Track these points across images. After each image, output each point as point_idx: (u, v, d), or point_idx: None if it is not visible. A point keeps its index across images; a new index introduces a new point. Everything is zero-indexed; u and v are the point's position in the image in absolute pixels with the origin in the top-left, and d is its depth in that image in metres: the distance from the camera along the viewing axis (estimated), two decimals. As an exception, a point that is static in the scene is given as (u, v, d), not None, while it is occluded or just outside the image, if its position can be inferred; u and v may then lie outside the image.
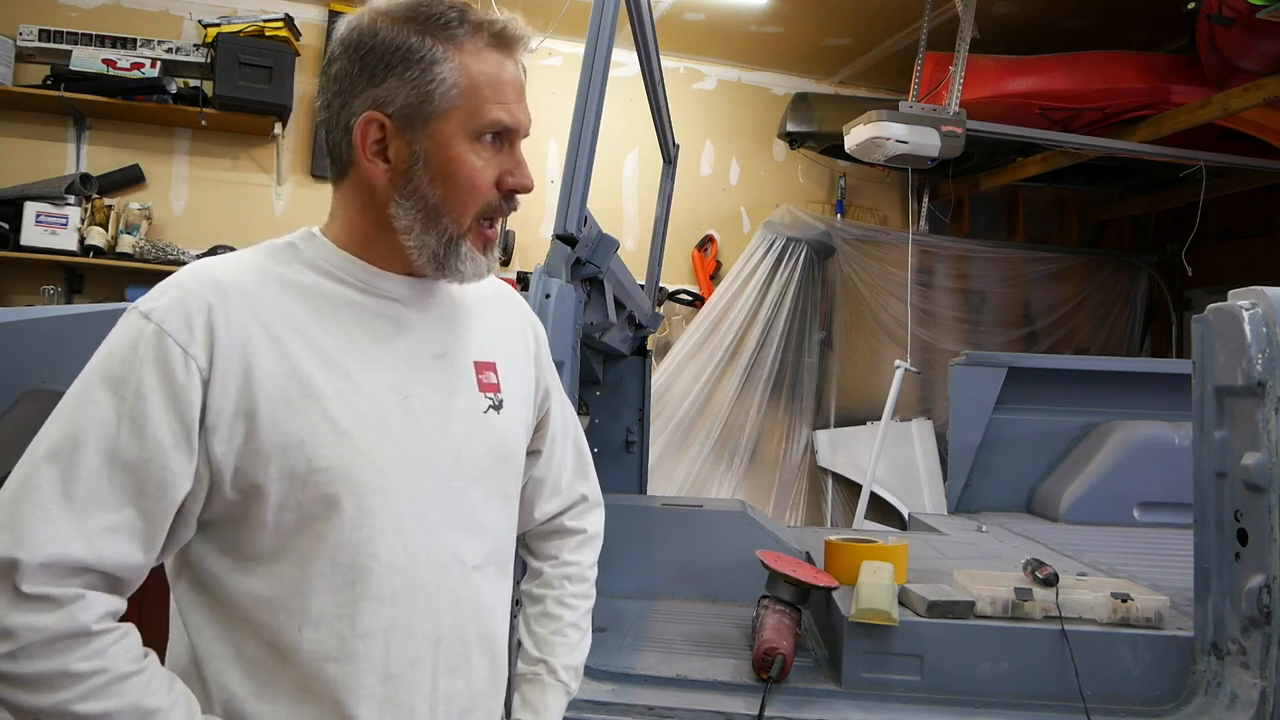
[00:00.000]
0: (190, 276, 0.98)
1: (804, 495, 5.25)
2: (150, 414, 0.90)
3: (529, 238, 5.03)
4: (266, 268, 1.01)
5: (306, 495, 0.95)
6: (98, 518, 0.88)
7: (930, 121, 3.89)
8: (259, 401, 0.94)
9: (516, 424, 1.15)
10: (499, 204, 1.05)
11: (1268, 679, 1.68)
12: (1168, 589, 2.11)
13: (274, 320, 0.97)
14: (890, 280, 5.39)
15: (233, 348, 0.94)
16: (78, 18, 4.44)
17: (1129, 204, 5.85)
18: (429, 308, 1.09)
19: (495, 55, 1.02)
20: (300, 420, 0.95)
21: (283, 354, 0.96)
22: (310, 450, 0.95)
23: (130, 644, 0.90)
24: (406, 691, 1.01)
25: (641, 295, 3.10)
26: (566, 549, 1.30)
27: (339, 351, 1.00)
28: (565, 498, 1.30)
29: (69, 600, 0.86)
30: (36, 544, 0.85)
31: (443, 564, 1.03)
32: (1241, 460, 1.74)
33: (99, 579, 0.89)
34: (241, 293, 0.97)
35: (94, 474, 0.89)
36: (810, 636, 2.17)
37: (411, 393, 1.03)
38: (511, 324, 1.22)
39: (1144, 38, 4.67)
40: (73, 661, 0.85)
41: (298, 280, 1.02)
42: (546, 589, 1.28)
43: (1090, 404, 3.68)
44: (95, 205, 4.26)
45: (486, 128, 1.02)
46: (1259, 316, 1.75)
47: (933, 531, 3.20)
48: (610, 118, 2.27)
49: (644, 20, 2.36)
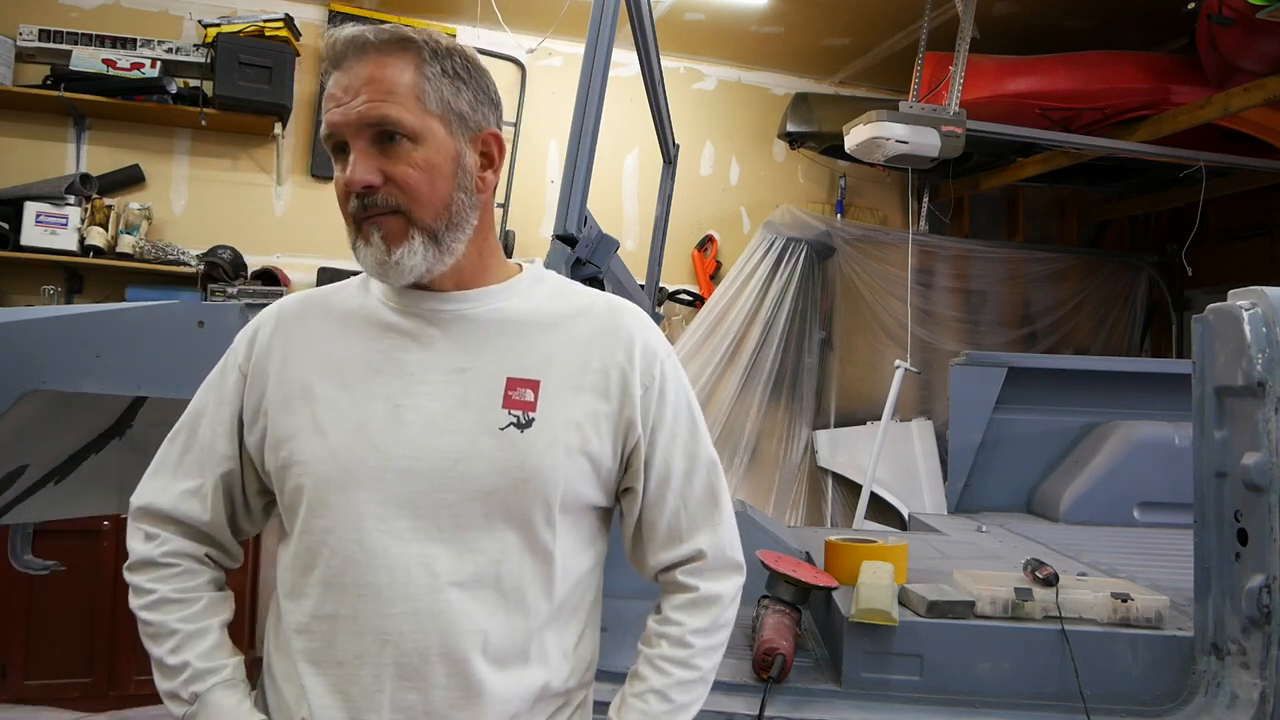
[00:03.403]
0: (269, 307, 1.23)
1: (804, 495, 5.25)
2: (216, 408, 1.19)
3: (529, 238, 5.03)
4: (325, 299, 1.21)
5: (288, 485, 1.11)
6: (183, 482, 1.18)
7: (930, 121, 3.89)
8: (270, 403, 1.13)
9: (550, 447, 1.09)
10: (353, 205, 1.09)
11: (1268, 679, 1.68)
12: (1168, 589, 2.11)
13: (298, 337, 1.16)
14: (890, 280, 5.38)
15: (264, 358, 1.16)
16: (78, 18, 4.43)
17: (1129, 204, 5.85)
18: (458, 321, 1.14)
19: (330, 78, 1.10)
20: (294, 420, 1.11)
21: (295, 365, 1.14)
22: (293, 445, 1.10)
23: (185, 580, 1.16)
24: (353, 683, 1.06)
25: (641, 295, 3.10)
26: (672, 604, 1.20)
27: (347, 364, 1.13)
28: (683, 550, 1.20)
29: (151, 537, 1.17)
30: (143, 495, 1.19)
31: (406, 569, 1.05)
32: (1241, 460, 1.73)
33: (181, 527, 1.18)
34: (287, 316, 1.19)
35: (189, 450, 1.19)
36: (810, 636, 2.17)
37: (407, 404, 1.09)
38: (595, 344, 1.15)
39: (1144, 38, 4.67)
40: (142, 580, 1.16)
41: (345, 305, 1.18)
42: (644, 645, 1.20)
43: (1090, 404, 3.68)
44: (95, 205, 4.25)
45: (327, 142, 1.11)
46: (1259, 316, 1.75)
47: (933, 531, 3.20)
48: (610, 118, 2.27)
49: (644, 20, 2.36)
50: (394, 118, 1.06)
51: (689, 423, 1.21)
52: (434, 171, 1.08)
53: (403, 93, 1.07)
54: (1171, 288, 5.94)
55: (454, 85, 1.11)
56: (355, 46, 1.08)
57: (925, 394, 5.42)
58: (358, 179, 1.06)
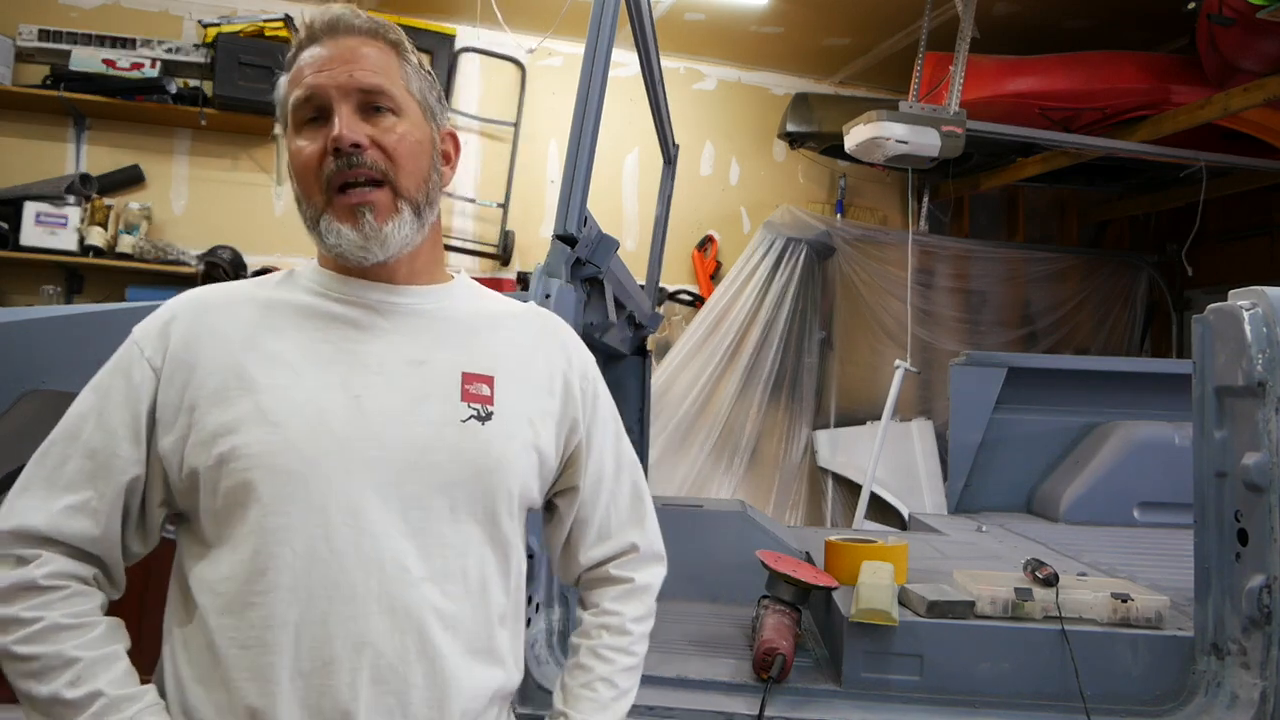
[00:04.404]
0: (178, 297, 1.11)
1: (804, 495, 5.25)
2: (110, 409, 1.04)
3: (529, 238, 5.04)
4: (249, 289, 1.12)
5: (230, 482, 1.00)
6: (65, 498, 1.02)
7: (930, 121, 3.89)
8: (200, 396, 1.03)
9: (510, 440, 1.10)
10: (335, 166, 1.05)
11: (1268, 679, 1.68)
12: (1168, 589, 2.11)
13: (227, 327, 1.06)
14: (890, 280, 5.39)
15: (181, 350, 1.05)
16: (78, 18, 4.44)
17: (1129, 204, 5.85)
18: (411, 315, 1.11)
19: (306, 52, 1.09)
20: (233, 411, 1.01)
21: (227, 354, 1.04)
22: (236, 438, 1.00)
23: (76, 604, 1.00)
24: (320, 694, 0.98)
25: (641, 295, 3.10)
26: (608, 597, 1.23)
27: (291, 353, 1.05)
28: (614, 545, 1.24)
29: (28, 560, 0.99)
30: (11, 517, 1.02)
31: (380, 566, 1.00)
32: (1241, 460, 1.73)
33: (63, 548, 1.01)
34: (206, 306, 1.09)
35: (69, 460, 1.03)
36: (810, 636, 2.17)
37: (366, 394, 1.04)
38: (537, 346, 1.19)
39: (1144, 38, 4.67)
40: (18, 609, 0.98)
41: (274, 297, 1.10)
42: (583, 638, 1.22)
43: (1090, 404, 3.68)
44: (95, 205, 4.26)
45: (297, 113, 1.07)
46: (1259, 316, 1.75)
47: (933, 531, 3.20)
48: (610, 118, 2.27)
49: (644, 20, 2.35)
50: (386, 88, 1.08)
51: (615, 426, 1.27)
52: (417, 146, 1.10)
53: (391, 71, 1.09)
54: (1171, 288, 5.94)
55: (426, 80, 1.14)
56: (341, 24, 1.09)
57: (925, 394, 5.42)
58: (348, 135, 1.04)
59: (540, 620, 1.85)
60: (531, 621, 1.80)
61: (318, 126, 1.06)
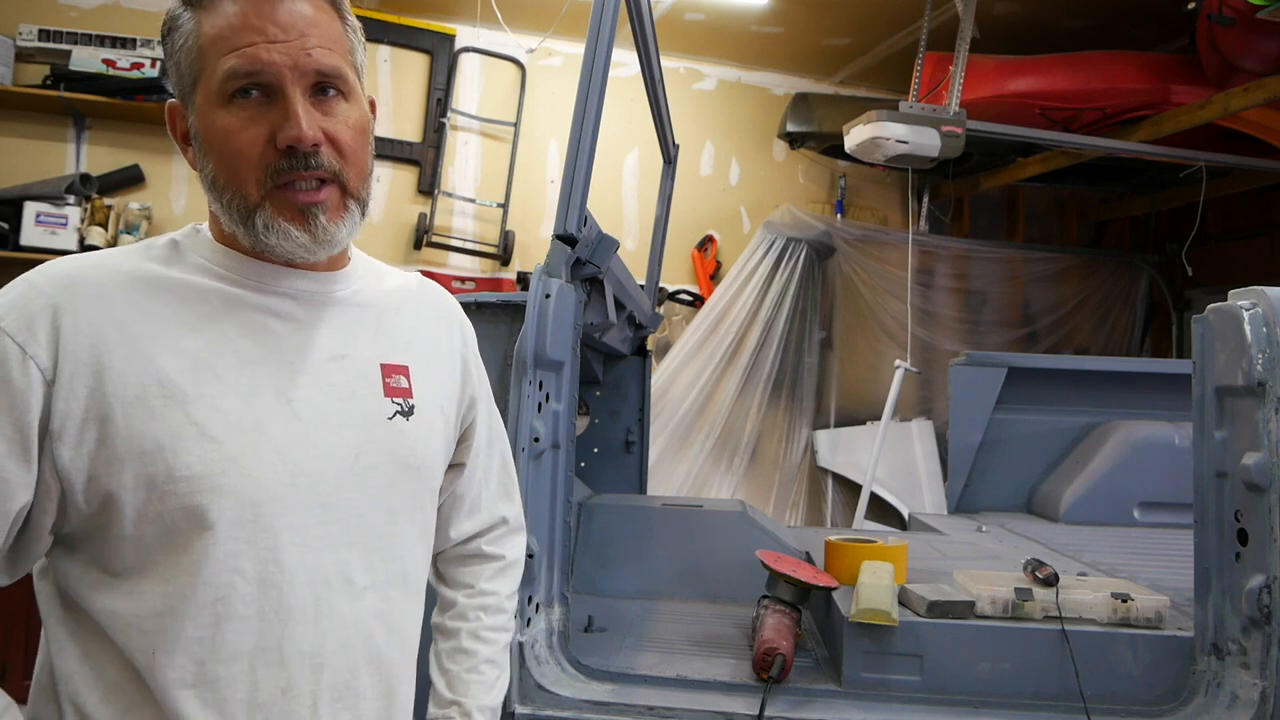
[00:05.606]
0: (39, 273, 0.90)
1: (804, 495, 5.25)
2: None
3: (529, 238, 5.04)
4: (133, 265, 0.93)
5: (168, 506, 0.87)
6: None
7: (930, 121, 3.89)
8: (112, 405, 0.86)
9: (430, 433, 1.06)
10: (282, 163, 0.91)
11: (1268, 679, 1.68)
12: (1168, 589, 2.11)
13: (131, 319, 0.89)
14: (890, 280, 5.39)
15: (81, 348, 0.86)
16: (78, 18, 4.44)
17: (1129, 204, 5.85)
18: (328, 305, 1.01)
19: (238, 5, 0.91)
20: (161, 425, 0.87)
21: (140, 354, 0.88)
22: (171, 458, 0.87)
23: None
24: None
25: (641, 295, 3.10)
26: (483, 577, 1.20)
27: (209, 352, 0.91)
28: (484, 518, 1.21)
29: None
30: None
31: (326, 582, 0.94)
32: (1242, 460, 1.73)
33: None
34: (95, 289, 0.89)
35: None
36: (810, 636, 2.17)
37: (297, 396, 0.95)
38: (437, 326, 1.13)
39: (1144, 38, 4.67)
40: None
41: (167, 277, 0.93)
42: (460, 621, 1.17)
43: (1090, 404, 3.68)
44: (95, 205, 4.26)
45: (227, 84, 0.90)
46: (1259, 316, 1.75)
47: (933, 531, 3.20)
48: (610, 118, 2.27)
49: (644, 20, 2.35)
50: (342, 71, 0.94)
51: (490, 397, 1.23)
52: (363, 135, 0.98)
53: (341, 43, 0.96)
54: (1171, 288, 5.94)
55: (359, 38, 1.01)
56: None
57: (925, 394, 5.42)
58: (310, 136, 0.90)
59: (540, 620, 1.85)
60: (531, 621, 1.80)
61: (256, 105, 0.91)
